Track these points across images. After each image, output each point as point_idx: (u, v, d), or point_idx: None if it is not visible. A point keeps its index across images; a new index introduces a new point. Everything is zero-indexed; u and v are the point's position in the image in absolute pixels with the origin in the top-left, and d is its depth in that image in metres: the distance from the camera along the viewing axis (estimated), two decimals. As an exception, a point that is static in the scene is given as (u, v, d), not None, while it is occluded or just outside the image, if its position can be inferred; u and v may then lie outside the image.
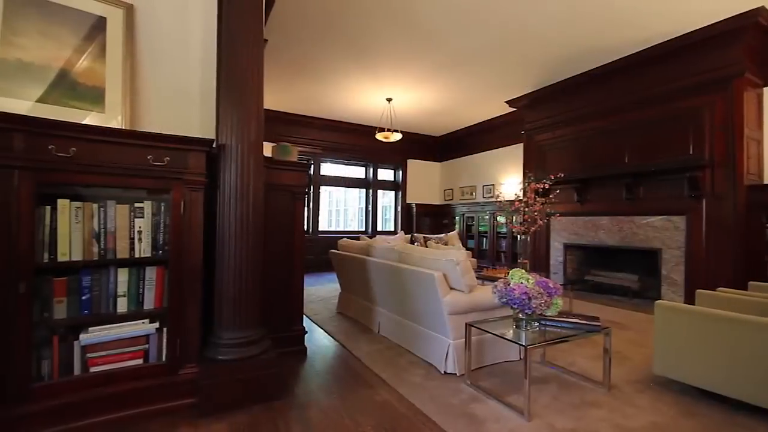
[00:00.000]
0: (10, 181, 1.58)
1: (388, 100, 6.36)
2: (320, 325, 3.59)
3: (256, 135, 2.12)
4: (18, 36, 1.87)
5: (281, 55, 4.77)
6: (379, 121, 7.16)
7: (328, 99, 6.49)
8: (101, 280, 1.85)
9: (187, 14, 2.36)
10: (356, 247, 3.87)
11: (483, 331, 2.30)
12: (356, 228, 9.04)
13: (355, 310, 3.82)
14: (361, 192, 8.88)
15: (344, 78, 5.54)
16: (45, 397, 1.68)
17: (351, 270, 3.82)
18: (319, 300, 4.74)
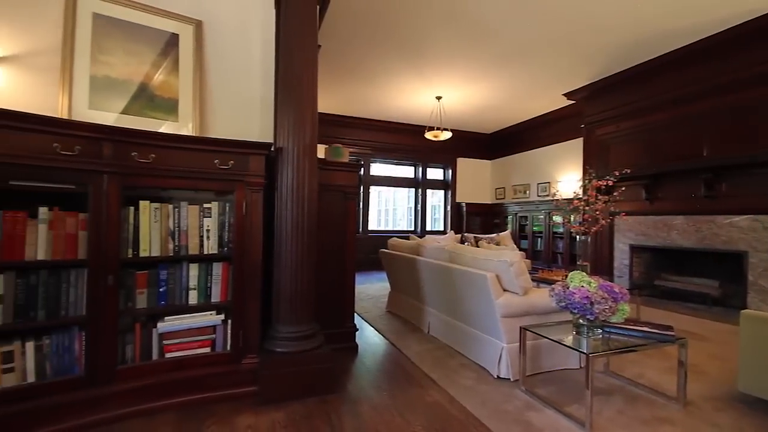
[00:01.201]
0: (100, 184, 1.78)
1: (437, 99, 6.30)
2: (370, 323, 3.65)
3: (311, 138, 2.21)
4: (105, 55, 2.11)
5: (333, 59, 4.90)
6: (428, 120, 7.11)
7: (378, 100, 6.56)
8: (175, 274, 2.03)
9: (248, 27, 2.51)
10: (406, 246, 3.88)
11: (539, 336, 2.20)
12: (405, 227, 9.06)
13: (405, 309, 3.83)
14: (409, 191, 8.88)
15: (394, 78, 5.57)
16: (128, 379, 1.88)
17: (401, 269, 3.83)
18: (369, 298, 4.81)
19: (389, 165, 8.49)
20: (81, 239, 1.78)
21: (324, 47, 4.44)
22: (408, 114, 7.27)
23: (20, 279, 1.66)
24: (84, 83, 2.01)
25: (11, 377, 1.64)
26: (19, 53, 1.91)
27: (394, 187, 8.84)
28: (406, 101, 6.57)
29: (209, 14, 2.41)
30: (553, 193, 6.23)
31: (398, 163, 8.54)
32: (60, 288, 1.75)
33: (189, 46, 2.31)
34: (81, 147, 1.71)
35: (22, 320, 1.67)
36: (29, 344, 1.69)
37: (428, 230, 8.69)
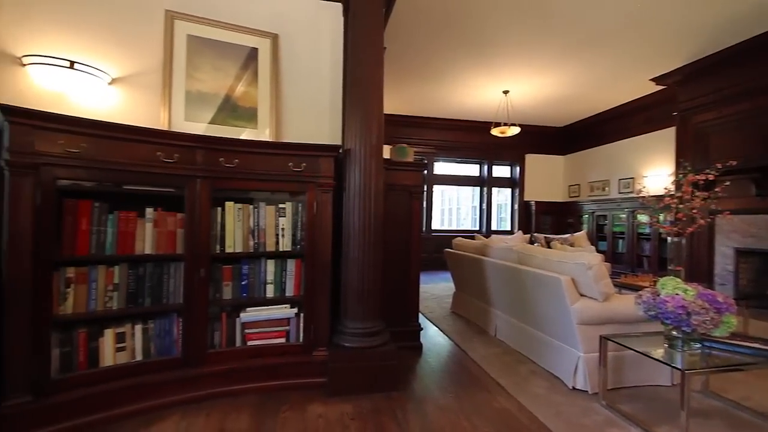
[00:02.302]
0: (194, 187, 2.00)
1: (504, 93, 6.05)
2: (435, 323, 3.63)
3: (377, 139, 2.25)
4: (197, 71, 2.36)
5: (398, 60, 4.95)
6: (494, 115, 6.86)
7: (442, 98, 6.49)
8: (255, 269, 2.21)
9: (319, 36, 2.64)
10: (471, 246, 3.79)
11: (623, 347, 2.01)
12: (469, 227, 8.85)
13: (470, 310, 3.75)
14: (474, 190, 8.64)
15: (459, 75, 5.47)
16: (216, 362, 2.08)
17: (466, 270, 3.75)
18: (433, 298, 4.78)
19: (453, 163, 8.35)
20: (179, 236, 2.02)
21: (388, 49, 4.50)
22: (473, 110, 7.08)
23: (131, 270, 1.93)
24: (180, 98, 2.27)
25: (123, 355, 1.91)
26: (129, 74, 2.22)
27: (457, 185, 8.68)
28: (472, 97, 6.40)
29: (284, 27, 2.57)
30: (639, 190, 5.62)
31: (462, 162, 8.36)
32: (162, 278, 2.00)
33: (267, 58, 2.49)
34: (179, 155, 1.93)
35: (132, 305, 1.94)
36: (138, 327, 1.95)
37: (494, 230, 8.39)
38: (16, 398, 1.59)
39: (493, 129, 6.20)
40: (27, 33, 1.94)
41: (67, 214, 1.76)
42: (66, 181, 1.73)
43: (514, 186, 8.47)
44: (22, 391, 1.60)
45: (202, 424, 1.81)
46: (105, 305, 1.86)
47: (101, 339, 1.85)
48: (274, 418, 1.88)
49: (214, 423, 1.82)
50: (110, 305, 1.87)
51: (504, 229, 8.71)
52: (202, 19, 2.35)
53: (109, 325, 1.87)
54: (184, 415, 1.88)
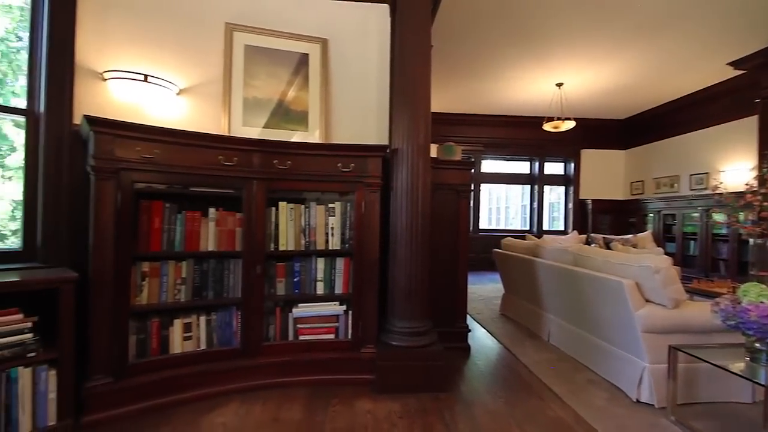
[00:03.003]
0: (251, 188, 2.12)
1: (558, 86, 5.75)
2: (483, 325, 3.54)
3: (424, 138, 2.24)
4: (253, 79, 2.49)
5: (445, 58, 4.89)
6: (547, 110, 6.54)
7: (490, 94, 6.31)
8: (306, 266, 2.29)
9: (366, 37, 2.68)
10: (522, 246, 3.65)
11: (696, 359, 1.83)
12: (518, 227, 8.54)
13: (521, 313, 3.61)
14: (524, 188, 8.32)
15: (509, 69, 5.28)
16: (270, 354, 2.19)
17: (516, 271, 3.62)
18: (481, 299, 4.67)
19: (501, 161, 8.09)
20: (237, 235, 2.15)
21: (435, 46, 4.45)
22: (523, 105, 6.81)
23: (197, 265, 2.09)
24: (239, 104, 2.42)
25: (190, 344, 2.07)
26: (194, 85, 2.40)
27: (506, 184, 8.40)
28: (522, 92, 6.16)
29: (333, 31, 2.64)
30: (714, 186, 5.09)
31: (511, 159, 8.07)
32: (223, 274, 2.14)
33: (317, 62, 2.57)
34: (238, 158, 2.06)
35: (198, 298, 2.09)
36: (202, 318, 2.10)
37: (545, 230, 8.01)
38: (100, 379, 1.78)
39: (545, 124, 5.92)
40: (107, 51, 2.17)
41: (143, 214, 1.94)
42: (141, 183, 1.91)
43: (568, 183, 8.02)
44: (104, 373, 1.79)
45: (259, 411, 1.92)
46: (174, 297, 2.03)
47: (171, 328, 2.02)
48: (324, 411, 1.94)
49: (270, 411, 1.92)
50: (179, 297, 2.04)
51: (556, 229, 8.29)
52: (257, 29, 2.48)
53: (178, 315, 2.05)
54: (242, 402, 2.00)
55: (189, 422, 1.81)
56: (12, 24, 2.10)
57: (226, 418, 1.85)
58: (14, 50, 2.11)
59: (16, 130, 2.08)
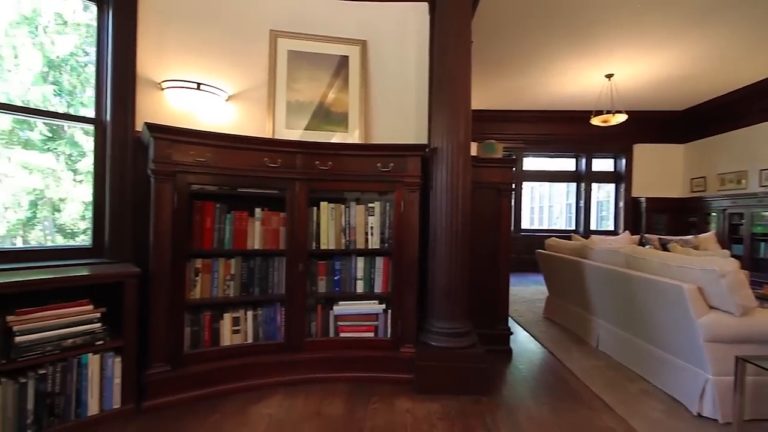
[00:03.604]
0: (294, 189, 2.19)
1: (607, 77, 5.43)
2: (525, 328, 3.43)
3: (465, 136, 2.21)
4: (296, 83, 2.57)
5: (485, 53, 4.77)
6: (595, 103, 6.19)
7: (533, 90, 6.08)
8: (347, 265, 2.34)
9: (405, 37, 2.69)
10: (568, 247, 3.49)
11: (766, 372, 1.66)
12: (563, 226, 8.17)
13: (566, 317, 3.45)
14: (569, 186, 7.95)
15: (553, 62, 5.06)
16: (312, 350, 2.25)
17: (561, 273, 3.47)
18: (523, 301, 4.52)
19: (545, 158, 7.77)
20: (281, 233, 2.23)
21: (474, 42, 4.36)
22: (569, 100, 6.49)
23: (244, 263, 2.19)
24: (282, 108, 2.51)
25: (238, 337, 2.18)
26: (241, 91, 2.52)
27: (550, 182, 8.06)
28: (568, 85, 5.87)
29: (371, 32, 2.67)
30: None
31: (555, 156, 7.73)
32: (268, 271, 2.23)
33: (356, 64, 2.61)
34: (282, 160, 2.14)
35: (245, 294, 2.20)
36: (249, 313, 2.21)
37: (593, 230, 7.60)
38: (159, 367, 1.92)
39: (593, 118, 5.61)
40: (164, 62, 2.32)
41: (196, 214, 2.07)
42: (195, 185, 2.03)
43: (618, 180, 7.55)
44: (162, 362, 1.93)
45: (301, 405, 1.98)
46: (224, 292, 2.15)
47: (221, 321, 2.13)
48: (364, 408, 1.97)
49: (312, 405, 1.98)
50: (228, 293, 2.16)
51: (605, 229, 7.84)
52: (299, 35, 2.56)
53: (227, 309, 2.16)
54: (286, 395, 2.07)
55: (238, 411, 1.90)
56: (80, 40, 2.31)
57: (271, 410, 1.92)
58: (82, 64, 2.32)
59: (85, 137, 2.29)
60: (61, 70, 2.31)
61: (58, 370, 1.65)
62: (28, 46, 2.17)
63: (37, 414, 1.60)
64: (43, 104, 2.19)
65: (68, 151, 2.34)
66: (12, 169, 2.16)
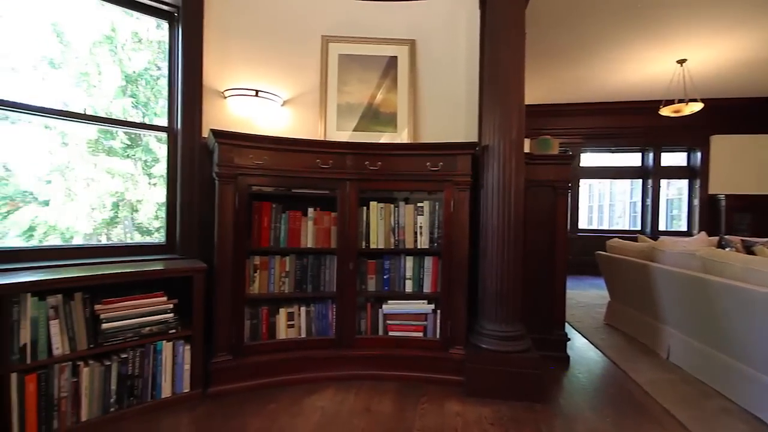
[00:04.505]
0: (345, 189, 2.24)
1: (679, 63, 4.95)
2: (584, 335, 3.23)
3: (518, 133, 2.13)
4: (345, 85, 2.63)
5: (539, 46, 4.56)
6: (665, 92, 5.67)
7: (592, 81, 5.70)
8: (396, 264, 2.35)
9: (454, 34, 2.65)
10: (633, 249, 3.24)
11: None
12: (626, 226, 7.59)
13: (631, 324, 3.20)
14: (633, 183, 7.37)
15: (615, 49, 4.71)
16: (362, 347, 2.29)
17: (626, 276, 3.23)
18: (581, 306, 4.26)
19: (605, 153, 7.26)
20: (332, 233, 2.30)
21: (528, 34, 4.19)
22: (634, 89, 6.01)
23: (298, 261, 2.29)
24: (333, 110, 2.58)
25: (292, 331, 2.28)
26: (295, 96, 2.62)
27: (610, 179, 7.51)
28: (632, 73, 5.44)
29: (420, 31, 2.66)
30: None
31: (618, 150, 7.18)
32: (320, 269, 2.31)
33: (405, 63, 2.62)
34: (333, 161, 2.20)
35: (299, 290, 2.29)
36: (303, 308, 2.30)
37: (662, 230, 6.96)
38: (222, 356, 2.06)
39: (662, 108, 5.14)
40: (226, 71, 2.48)
41: (254, 214, 2.20)
42: (253, 186, 2.15)
43: (692, 176, 6.85)
44: (225, 352, 2.07)
45: (352, 400, 2.02)
46: (280, 288, 2.26)
47: (277, 316, 2.24)
48: (413, 407, 1.97)
49: (362, 402, 2.01)
50: (283, 289, 2.27)
51: (676, 229, 7.16)
52: (350, 38, 2.62)
53: (282, 305, 2.27)
54: (337, 389, 2.13)
55: (292, 402, 1.99)
56: (153, 56, 2.54)
57: (323, 403, 1.99)
58: (155, 78, 2.55)
59: (158, 144, 2.52)
60: (137, 84, 2.56)
61: (137, 355, 1.84)
62: (108, 63, 2.43)
63: (119, 394, 1.79)
64: (123, 115, 2.44)
65: (144, 157, 2.59)
66: (97, 174, 2.44)
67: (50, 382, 1.60)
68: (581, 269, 6.29)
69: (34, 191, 2.22)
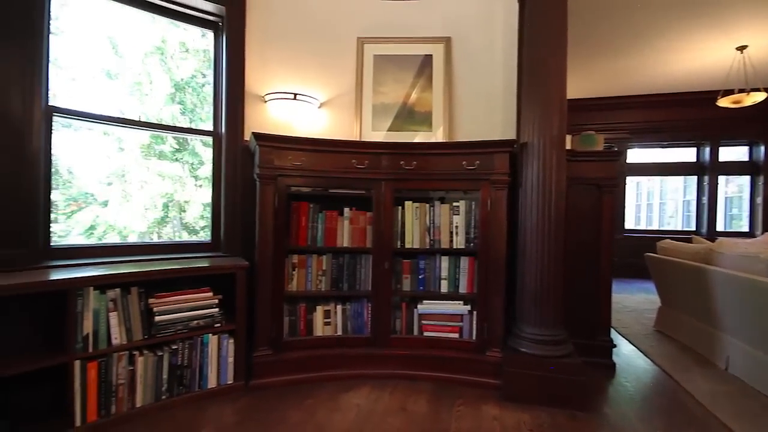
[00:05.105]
0: (380, 189, 2.26)
1: (739, 50, 4.55)
2: (631, 341, 3.05)
3: (559, 129, 2.04)
4: (381, 86, 2.64)
5: (582, 37, 4.35)
6: (723, 82, 5.24)
7: (640, 71, 5.37)
8: (431, 264, 2.34)
9: (490, 29, 2.59)
10: (687, 251, 3.02)
11: None
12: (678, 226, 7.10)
13: (685, 332, 2.99)
14: (687, 180, 6.86)
15: (668, 39, 4.41)
16: (397, 346, 2.30)
17: (679, 280, 3.02)
18: (628, 311, 4.03)
19: (655, 149, 6.81)
20: (368, 232, 2.32)
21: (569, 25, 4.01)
22: (687, 79, 5.59)
23: (334, 259, 2.33)
24: (368, 111, 2.61)
25: (329, 329, 2.32)
26: (331, 98, 2.67)
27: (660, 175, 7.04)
28: (685, 63, 5.07)
29: (456, 28, 2.62)
30: None
31: (669, 145, 6.72)
32: (356, 268, 2.34)
33: (440, 62, 2.59)
34: (368, 161, 2.22)
35: (335, 289, 2.33)
36: (339, 307, 2.34)
37: (719, 231, 6.44)
38: (263, 351, 2.14)
39: (720, 99, 4.75)
40: (266, 76, 2.57)
41: (293, 213, 2.26)
42: (292, 187, 2.22)
43: (755, 172, 6.29)
44: (266, 346, 2.15)
45: (388, 399, 2.03)
46: (317, 287, 2.31)
47: (314, 313, 2.30)
48: (449, 409, 1.95)
49: (397, 401, 2.02)
50: (320, 287, 2.32)
51: (737, 229, 6.60)
52: (385, 39, 2.63)
53: (319, 302, 2.32)
54: (372, 388, 2.15)
55: (329, 398, 2.03)
56: (199, 64, 2.68)
57: (359, 401, 2.01)
58: (201, 85, 2.69)
59: (203, 148, 2.65)
60: (184, 92, 2.71)
61: (186, 346, 1.95)
62: (159, 72, 2.59)
63: (170, 382, 1.90)
64: (172, 121, 2.59)
65: (191, 160, 2.74)
66: (150, 177, 2.60)
67: (109, 369, 1.73)
68: (628, 272, 5.95)
69: (94, 193, 2.41)
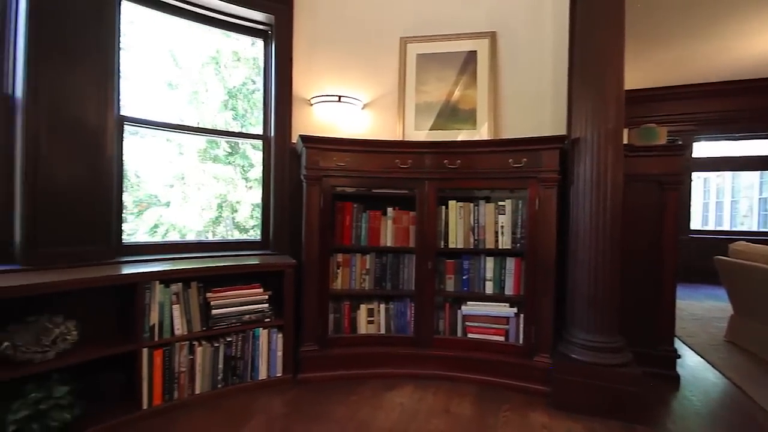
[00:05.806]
0: (423, 188, 2.25)
1: (830, 27, 4.02)
2: (698, 352, 2.80)
3: (615, 122, 1.92)
4: (423, 85, 2.63)
5: (641, 23, 4.04)
6: (807, 64, 4.67)
7: (707, 58, 4.91)
8: (475, 265, 2.30)
9: (538, 19, 2.48)
10: (765, 254, 2.72)
11: None
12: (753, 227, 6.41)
13: (761, 343, 2.70)
14: (763, 176, 6.17)
15: (739, 21, 4.00)
16: (440, 347, 2.27)
17: (755, 287, 2.73)
18: (694, 319, 3.71)
19: (725, 141, 6.20)
20: (411, 232, 2.32)
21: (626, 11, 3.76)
22: (756, 65, 5.03)
23: (377, 259, 2.36)
24: (411, 111, 2.60)
25: (372, 327, 2.35)
26: (374, 98, 2.70)
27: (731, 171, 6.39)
28: (759, 46, 4.57)
29: (501, 21, 2.54)
30: None
31: (742, 138, 6.08)
32: (399, 268, 2.35)
33: (485, 57, 2.53)
34: (412, 160, 2.22)
35: (378, 288, 2.36)
36: (382, 306, 2.36)
37: (806, 232, 5.74)
38: (310, 346, 2.21)
39: (805, 85, 4.23)
40: (312, 80, 2.65)
41: (337, 213, 2.32)
42: (336, 187, 2.27)
43: None
44: (312, 342, 2.22)
45: (431, 399, 2.02)
46: (360, 285, 2.35)
47: (358, 311, 2.34)
48: (495, 414, 1.90)
49: (440, 402, 2.00)
50: (364, 286, 2.36)
51: (827, 231, 5.83)
52: (427, 37, 2.61)
53: (363, 301, 2.36)
54: (416, 387, 2.15)
55: (372, 396, 2.05)
56: (249, 72, 2.82)
57: (403, 400, 2.02)
58: (251, 91, 2.83)
59: (253, 151, 2.79)
60: (236, 98, 2.87)
61: (240, 339, 2.06)
62: (213, 81, 2.75)
63: (225, 372, 2.02)
64: (225, 127, 2.75)
65: (242, 163, 2.89)
66: (206, 179, 2.78)
67: (172, 357, 1.87)
68: (693, 276, 5.46)
69: (158, 194, 2.62)
